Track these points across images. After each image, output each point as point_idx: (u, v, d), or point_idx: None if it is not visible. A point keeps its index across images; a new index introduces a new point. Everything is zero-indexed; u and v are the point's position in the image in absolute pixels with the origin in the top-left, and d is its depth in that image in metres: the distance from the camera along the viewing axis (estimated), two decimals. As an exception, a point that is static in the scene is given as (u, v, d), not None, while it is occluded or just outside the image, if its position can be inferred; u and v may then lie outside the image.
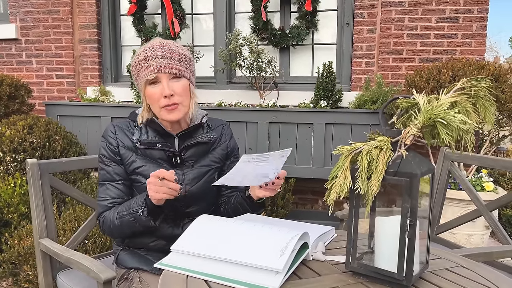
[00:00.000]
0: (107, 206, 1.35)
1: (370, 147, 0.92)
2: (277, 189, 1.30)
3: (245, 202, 1.39)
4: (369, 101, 3.08)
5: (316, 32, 3.69)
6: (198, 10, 3.90)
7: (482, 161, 1.94)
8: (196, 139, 1.40)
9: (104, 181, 1.37)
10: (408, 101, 0.95)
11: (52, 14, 3.91)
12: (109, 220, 1.31)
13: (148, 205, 1.22)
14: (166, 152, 1.36)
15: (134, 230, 1.30)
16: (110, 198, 1.35)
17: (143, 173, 1.35)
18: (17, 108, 3.51)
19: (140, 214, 1.23)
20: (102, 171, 1.38)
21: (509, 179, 3.89)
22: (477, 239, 2.93)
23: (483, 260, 1.41)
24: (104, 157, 1.37)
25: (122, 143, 1.36)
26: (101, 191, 1.37)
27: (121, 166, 1.37)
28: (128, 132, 1.38)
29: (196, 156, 1.41)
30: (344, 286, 0.94)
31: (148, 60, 1.28)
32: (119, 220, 1.28)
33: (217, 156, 1.46)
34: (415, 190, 0.88)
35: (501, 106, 2.81)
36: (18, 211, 2.48)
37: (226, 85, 3.76)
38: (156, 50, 1.29)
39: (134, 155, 1.36)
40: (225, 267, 0.96)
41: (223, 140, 1.49)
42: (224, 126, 1.52)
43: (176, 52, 1.31)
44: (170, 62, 1.29)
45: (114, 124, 1.40)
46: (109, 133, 1.38)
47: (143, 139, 1.36)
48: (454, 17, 3.26)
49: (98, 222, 1.38)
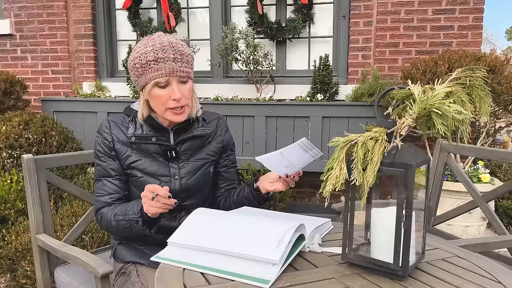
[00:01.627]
0: (105, 202, 1.35)
1: (366, 138, 0.92)
2: (291, 184, 1.32)
3: (252, 195, 1.39)
4: (365, 94, 3.08)
5: (312, 25, 3.68)
6: (194, 4, 3.87)
7: (478, 152, 1.95)
8: (191, 132, 1.39)
9: (100, 177, 1.37)
10: (404, 92, 0.95)
11: (47, 9, 3.88)
12: (106, 219, 1.32)
13: (144, 216, 1.23)
14: (161, 146, 1.36)
15: (131, 234, 1.31)
16: (107, 193, 1.36)
17: (138, 167, 1.35)
18: (13, 104, 3.49)
19: (135, 224, 1.24)
20: (98, 167, 1.38)
21: (505, 170, 3.91)
22: (474, 230, 2.94)
23: (479, 251, 1.41)
24: (99, 153, 1.37)
25: (117, 138, 1.36)
26: (98, 187, 1.37)
27: (117, 162, 1.36)
28: (123, 126, 1.37)
29: (191, 149, 1.40)
30: (341, 277, 0.94)
31: (159, 62, 1.25)
32: (116, 223, 1.29)
33: (213, 150, 1.46)
34: (410, 180, 0.88)
35: (497, 98, 2.81)
36: (15, 207, 2.47)
37: (222, 79, 3.75)
38: (168, 52, 1.26)
39: (129, 150, 1.36)
40: (222, 260, 0.96)
41: (219, 134, 1.49)
42: (219, 119, 1.52)
43: (185, 54, 1.29)
44: (181, 66, 1.27)
45: (109, 120, 1.39)
46: (104, 128, 1.37)
47: (138, 133, 1.36)
48: (450, 9, 3.25)
49: (96, 218, 1.38)
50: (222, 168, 1.51)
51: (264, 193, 1.37)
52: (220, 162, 1.50)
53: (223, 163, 1.51)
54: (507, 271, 1.00)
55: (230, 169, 1.53)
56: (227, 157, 1.52)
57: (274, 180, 1.33)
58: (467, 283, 0.92)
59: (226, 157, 1.51)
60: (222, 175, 1.52)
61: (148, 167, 1.35)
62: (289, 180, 1.31)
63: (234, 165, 1.55)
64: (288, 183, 1.32)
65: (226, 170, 1.52)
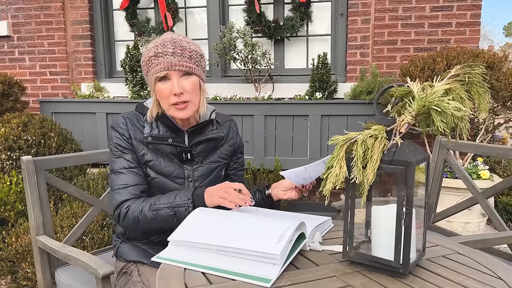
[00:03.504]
0: (132, 193, 1.30)
1: (365, 136, 0.92)
2: (305, 193, 1.35)
3: (263, 201, 1.42)
4: (364, 92, 3.08)
5: (310, 23, 3.68)
6: (191, 3, 3.87)
7: (477, 149, 1.95)
8: (206, 135, 1.39)
9: (122, 168, 1.32)
10: (403, 89, 0.95)
11: (44, 10, 3.87)
12: (137, 211, 1.26)
13: (195, 203, 1.22)
14: (176, 148, 1.35)
15: (166, 225, 1.26)
16: (133, 184, 1.31)
17: (154, 167, 1.35)
18: (11, 106, 3.48)
19: (185, 210, 1.21)
20: (118, 159, 1.33)
21: (504, 166, 3.91)
22: (474, 227, 2.95)
23: (479, 247, 1.42)
24: (119, 146, 1.34)
25: (134, 136, 1.35)
26: (120, 180, 1.31)
27: (136, 155, 1.35)
28: (139, 125, 1.36)
29: (205, 152, 1.41)
30: (342, 275, 0.94)
31: (159, 56, 1.26)
32: (153, 213, 1.25)
33: (225, 153, 1.46)
34: (410, 178, 0.88)
35: (496, 94, 2.82)
36: (15, 209, 2.47)
37: (221, 79, 3.75)
38: (167, 47, 1.26)
39: (145, 149, 1.35)
40: (223, 259, 0.96)
41: (231, 136, 1.49)
42: (231, 122, 1.53)
43: (187, 48, 1.29)
44: (181, 60, 1.26)
45: (124, 116, 1.37)
46: (121, 124, 1.35)
47: (154, 133, 1.35)
48: (448, 5, 3.25)
49: (118, 213, 1.30)
50: (231, 171, 1.52)
51: (276, 200, 1.38)
52: (230, 165, 1.51)
53: (232, 166, 1.52)
54: (507, 267, 1.00)
55: (239, 172, 1.54)
56: (237, 160, 1.52)
57: (287, 188, 1.34)
58: (468, 279, 0.92)
59: (236, 160, 1.52)
60: (231, 178, 1.52)
61: (164, 167, 1.34)
62: (304, 190, 1.33)
63: (243, 168, 1.57)
64: (302, 192, 1.33)
65: (235, 173, 1.53)
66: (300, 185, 1.32)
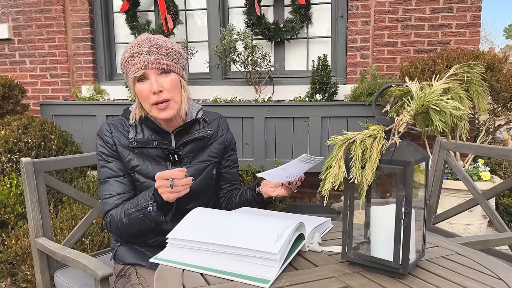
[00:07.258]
0: (114, 203, 1.31)
1: (364, 136, 0.91)
2: (294, 189, 1.33)
3: (254, 199, 1.40)
4: (364, 94, 3.08)
5: (310, 25, 3.68)
6: (191, 6, 3.88)
7: (477, 150, 1.94)
8: (192, 135, 1.38)
9: (107, 178, 1.34)
10: (401, 89, 0.95)
11: (44, 13, 3.89)
12: (116, 218, 1.28)
13: (157, 200, 1.20)
14: (163, 150, 1.34)
15: (144, 227, 1.27)
16: (116, 194, 1.32)
17: (140, 172, 1.34)
18: (12, 109, 3.48)
19: (150, 210, 1.20)
20: (103, 168, 1.35)
21: (505, 168, 3.90)
22: (475, 228, 2.94)
23: (480, 248, 1.41)
24: (103, 155, 1.35)
25: (118, 142, 1.34)
26: (105, 189, 1.33)
27: (121, 162, 1.35)
28: (124, 130, 1.36)
29: (193, 152, 1.39)
30: (341, 276, 0.93)
31: (135, 56, 1.25)
32: (127, 218, 1.25)
33: (215, 151, 1.45)
34: (409, 178, 0.87)
35: (496, 95, 2.81)
36: (15, 212, 2.47)
37: (221, 81, 3.75)
38: (142, 46, 1.26)
39: (131, 154, 1.34)
40: (221, 260, 0.95)
41: (220, 134, 1.48)
42: (220, 119, 1.51)
43: (163, 46, 1.28)
44: (157, 57, 1.25)
45: (109, 123, 1.38)
46: (105, 131, 1.35)
47: (139, 138, 1.34)
48: (448, 7, 3.25)
49: (104, 222, 1.34)
50: (224, 169, 1.50)
51: (266, 198, 1.37)
52: (222, 163, 1.50)
53: (224, 164, 1.50)
54: (507, 268, 0.99)
55: (232, 169, 1.53)
56: (229, 157, 1.51)
57: (276, 185, 1.33)
58: (468, 280, 0.91)
59: (227, 158, 1.50)
60: (224, 176, 1.51)
61: (151, 171, 1.33)
62: (291, 186, 1.32)
63: (236, 166, 1.55)
64: (291, 189, 1.32)
65: (228, 171, 1.51)
66: (286, 182, 1.30)
